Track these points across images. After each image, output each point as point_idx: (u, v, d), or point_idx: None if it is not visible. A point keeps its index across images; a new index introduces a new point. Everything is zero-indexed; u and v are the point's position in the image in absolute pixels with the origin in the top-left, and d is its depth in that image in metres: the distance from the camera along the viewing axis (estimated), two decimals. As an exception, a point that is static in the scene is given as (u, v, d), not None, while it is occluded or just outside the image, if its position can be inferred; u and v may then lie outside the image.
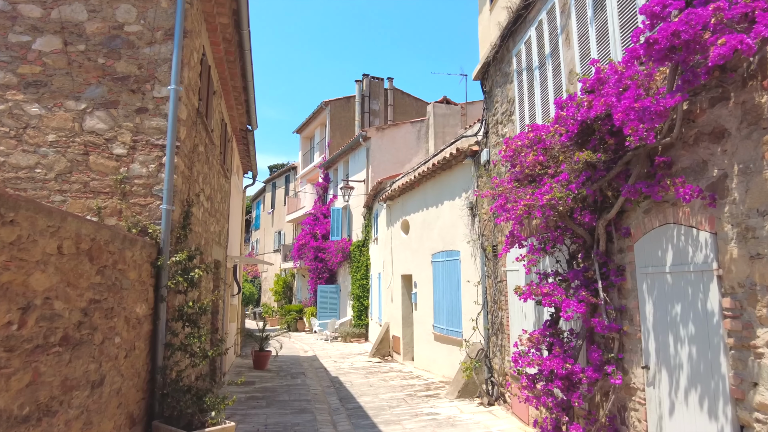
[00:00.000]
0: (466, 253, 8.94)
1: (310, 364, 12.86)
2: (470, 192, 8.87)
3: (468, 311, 8.81)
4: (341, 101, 25.62)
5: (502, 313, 7.38)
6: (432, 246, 10.55)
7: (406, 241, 12.22)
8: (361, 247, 18.71)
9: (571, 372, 4.06)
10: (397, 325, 12.84)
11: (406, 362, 12.17)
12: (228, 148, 10.11)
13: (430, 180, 10.67)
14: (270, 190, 34.38)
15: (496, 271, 7.60)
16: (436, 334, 10.23)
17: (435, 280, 10.36)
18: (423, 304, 11.03)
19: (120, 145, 4.96)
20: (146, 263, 4.42)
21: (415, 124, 20.06)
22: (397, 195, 12.72)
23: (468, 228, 8.92)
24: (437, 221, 10.30)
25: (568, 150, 4.23)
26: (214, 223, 8.20)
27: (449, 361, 9.60)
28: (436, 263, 10.33)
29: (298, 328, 23.10)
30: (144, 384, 4.36)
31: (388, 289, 13.75)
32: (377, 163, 18.79)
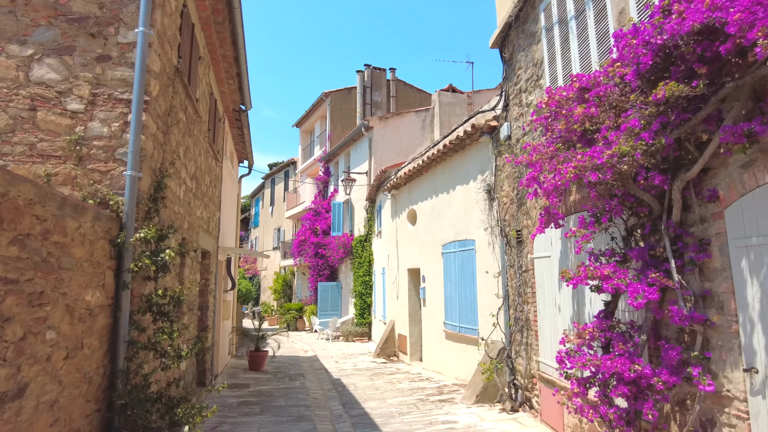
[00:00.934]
0: (483, 241, 8.04)
1: (310, 364, 11.96)
2: (487, 173, 7.97)
3: (485, 306, 7.91)
4: (342, 92, 24.74)
5: (528, 307, 6.48)
6: (442, 236, 9.65)
7: (413, 233, 11.32)
8: (364, 242, 17.82)
9: (641, 375, 3.16)
10: (403, 323, 11.94)
11: (414, 363, 11.27)
12: (219, 129, 9.22)
13: (440, 164, 9.77)
14: (269, 186, 33.50)
15: (521, 260, 6.70)
16: (447, 332, 9.33)
17: (446, 273, 9.46)
18: (432, 300, 10.14)
19: (76, 99, 4.06)
20: (102, 240, 3.53)
21: (419, 113, 19.17)
22: (403, 183, 11.82)
23: (485, 214, 8.02)
24: (448, 209, 9.41)
25: (634, 92, 3.33)
26: (202, 207, 7.31)
27: (463, 361, 8.70)
28: (447, 255, 9.43)
29: (298, 327, 22.20)
30: (99, 392, 3.46)
31: (393, 285, 12.85)
32: (380, 154, 17.90)
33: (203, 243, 7.54)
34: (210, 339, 8.57)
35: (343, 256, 19.43)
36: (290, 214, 26.13)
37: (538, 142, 4.68)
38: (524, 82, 6.72)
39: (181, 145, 5.60)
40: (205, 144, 7.43)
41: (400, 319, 12.14)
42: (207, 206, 7.89)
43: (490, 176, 7.88)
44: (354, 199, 19.53)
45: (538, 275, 6.12)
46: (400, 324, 12.15)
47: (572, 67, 5.27)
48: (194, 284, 6.75)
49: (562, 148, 4.10)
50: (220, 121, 9.31)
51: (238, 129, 11.12)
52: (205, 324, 8.32)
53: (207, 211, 7.89)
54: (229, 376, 9.93)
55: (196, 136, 6.58)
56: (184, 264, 6.06)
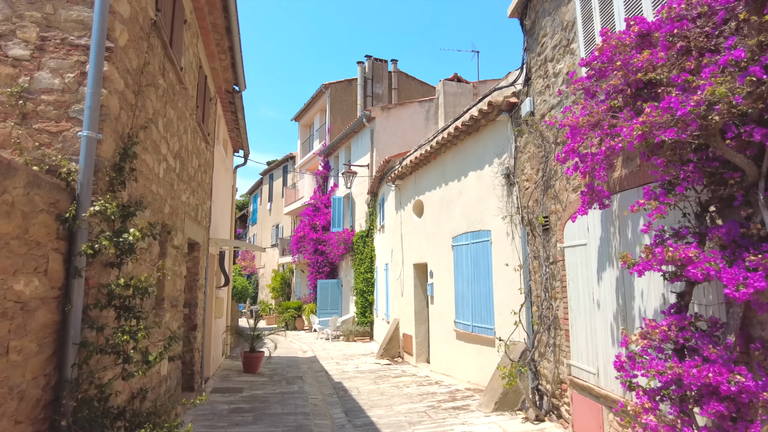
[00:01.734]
0: (500, 231, 7.29)
1: (309, 366, 11.20)
2: (505, 156, 7.21)
3: (503, 303, 7.16)
4: (342, 84, 23.97)
5: (557, 303, 5.72)
6: (453, 227, 8.89)
7: (420, 225, 10.56)
8: (365, 237, 17.06)
9: (743, 388, 2.41)
10: (408, 321, 11.19)
11: (420, 364, 10.51)
12: (210, 110, 8.45)
13: (451, 150, 9.01)
14: (267, 182, 32.73)
15: (547, 250, 5.94)
16: (458, 332, 8.57)
17: (457, 267, 8.70)
18: (441, 297, 9.38)
19: (20, 44, 3.30)
20: (44, 213, 2.76)
21: (423, 104, 18.41)
22: (408, 173, 11.06)
23: (502, 201, 7.26)
24: (459, 197, 8.64)
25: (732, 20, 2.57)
26: (188, 193, 6.55)
27: (476, 364, 7.94)
28: (458, 247, 8.67)
29: (296, 326, 21.44)
30: (37, 410, 2.70)
31: (397, 282, 12.10)
32: (382, 146, 17.14)
33: (190, 233, 6.78)
34: (199, 339, 7.81)
35: (343, 252, 18.68)
36: (289, 210, 25.35)
37: (573, 114, 3.92)
38: (550, 50, 5.96)
39: (160, 115, 4.84)
40: (192, 122, 6.67)
41: (405, 317, 11.39)
42: (195, 192, 7.13)
43: (508, 159, 7.12)
44: (355, 193, 18.77)
45: (570, 267, 5.36)
46: (405, 323, 11.39)
47: (616, 22, 4.51)
48: (178, 277, 5.99)
49: (618, 106, 3.33)
50: (212, 101, 8.54)
51: (232, 114, 10.35)
52: (193, 322, 7.56)
53: (195, 197, 7.13)
54: (222, 379, 9.18)
55: (180, 110, 5.82)
56: (166, 254, 5.30)
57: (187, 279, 7.59)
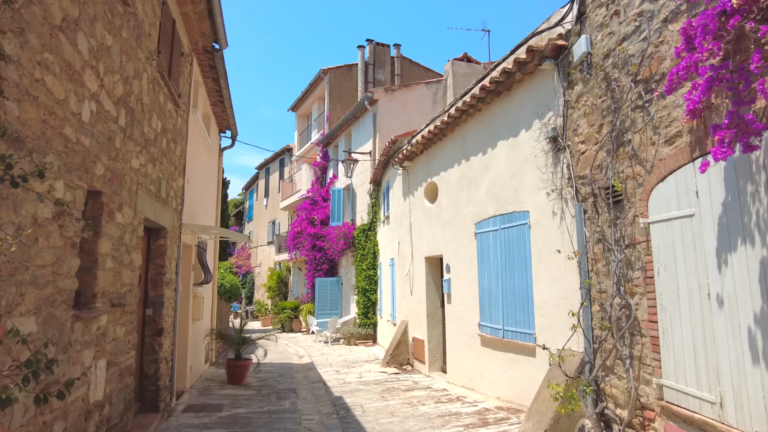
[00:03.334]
0: (543, 211, 5.80)
1: (304, 375, 9.70)
2: (550, 116, 5.72)
3: (547, 301, 5.67)
4: (342, 70, 22.51)
5: (637, 299, 4.23)
6: (476, 211, 7.40)
7: (433, 212, 9.07)
8: (367, 231, 15.58)
9: None
10: (419, 324, 9.70)
11: (435, 374, 9.01)
12: (183, 67, 6.95)
13: (473, 118, 7.52)
14: (263, 176, 31.25)
15: (622, 228, 4.44)
16: (484, 337, 7.08)
17: (482, 259, 7.21)
18: (461, 295, 7.89)
19: None
20: None
21: (430, 86, 16.93)
22: (419, 151, 9.56)
23: (546, 173, 5.77)
24: (485, 175, 7.15)
25: None
26: (144, 159, 5.04)
27: (510, 376, 6.45)
28: (483, 235, 7.18)
29: (293, 328, 19.95)
30: None
31: (405, 278, 10.60)
32: (386, 132, 15.64)
33: (149, 212, 5.28)
34: (167, 346, 6.31)
35: (343, 248, 17.19)
36: (285, 204, 23.85)
37: None
38: (621, -37, 4.47)
39: (84, 31, 3.34)
40: (151, 70, 5.17)
41: (415, 319, 9.89)
42: (158, 163, 5.63)
43: (554, 118, 5.63)
44: (356, 183, 17.29)
45: (660, 249, 3.87)
46: (415, 325, 9.90)
47: None
48: (126, 268, 4.48)
49: None
50: (184, 57, 7.03)
51: (214, 82, 8.85)
52: (158, 326, 6.06)
53: (157, 169, 5.63)
54: (200, 393, 7.68)
55: (127, 43, 4.31)
56: (100, 232, 3.80)
57: (151, 272, 6.10)
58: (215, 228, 7.77)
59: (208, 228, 7.57)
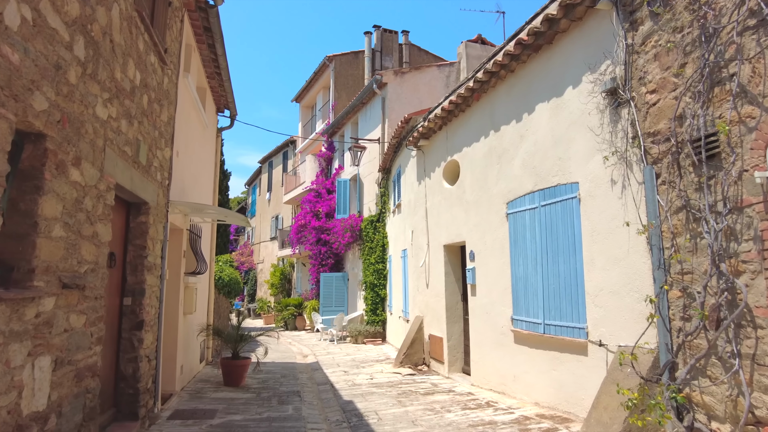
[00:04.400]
0: (599, 180, 4.82)
1: (309, 376, 8.76)
2: (607, 65, 4.74)
3: (604, 288, 4.69)
4: (348, 57, 21.58)
5: (747, 279, 3.25)
6: (509, 188, 6.43)
7: (454, 194, 8.10)
8: (376, 222, 14.63)
9: None
10: (436, 320, 8.73)
11: (455, 375, 8.04)
12: (171, 20, 6.00)
13: (504, 82, 6.55)
14: (266, 170, 30.34)
15: (721, 189, 3.45)
16: (519, 333, 6.11)
17: (515, 242, 6.24)
18: (488, 286, 6.92)
19: None
20: None
21: (442, 68, 15.96)
22: (438, 127, 8.59)
23: (602, 133, 4.79)
24: (520, 145, 6.19)
25: None
26: (115, 110, 4.10)
27: (553, 379, 5.47)
28: (517, 215, 6.21)
29: (297, 325, 19.02)
30: None
31: (420, 270, 9.64)
32: (395, 117, 14.67)
33: (124, 179, 4.34)
34: (149, 342, 5.37)
35: (350, 241, 16.23)
36: (289, 197, 22.91)
37: None
38: None
39: None
40: (125, 4, 4.22)
41: (432, 314, 8.93)
42: (137, 122, 4.69)
43: (613, 67, 4.65)
44: (363, 173, 16.34)
45: (789, 212, 2.91)
46: (432, 321, 8.93)
47: None
48: (86, 240, 3.53)
49: None
50: (172, 9, 6.08)
51: (209, 47, 7.91)
52: (138, 318, 5.12)
53: (136, 129, 4.69)
54: (192, 396, 6.74)
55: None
56: (42, 188, 2.86)
57: (130, 254, 5.16)
58: (209, 207, 6.81)
59: (200, 206, 6.62)
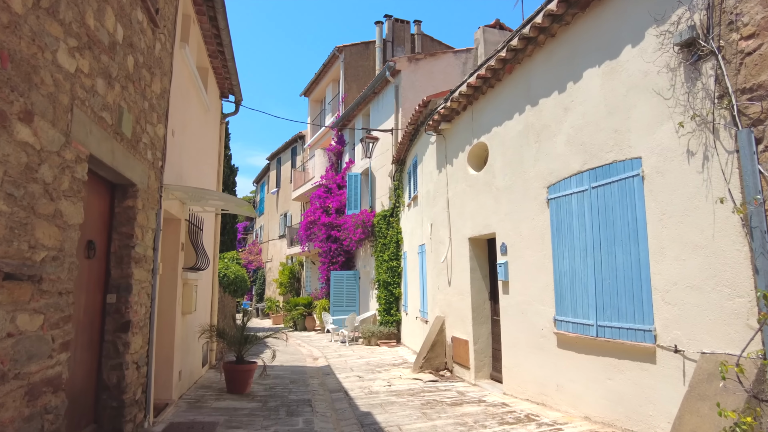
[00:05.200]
0: (671, 152, 4.01)
1: (321, 382, 8.00)
2: (680, 13, 3.93)
3: (678, 281, 3.88)
4: (358, 47, 20.85)
5: None
6: (550, 169, 5.63)
7: (481, 180, 7.31)
8: (389, 217, 13.86)
9: None
10: (460, 320, 7.94)
11: (483, 383, 7.24)
12: (162, -21, 5.26)
13: (544, 48, 5.74)
14: (275, 167, 29.68)
15: None
16: (564, 336, 5.30)
17: (558, 231, 5.44)
18: (524, 282, 6.12)
19: None
20: None
21: (459, 55, 15.16)
22: (462, 107, 7.79)
23: (675, 95, 3.97)
24: (564, 118, 5.38)
25: None
26: (86, 60, 3.35)
27: (609, 390, 4.66)
28: (561, 200, 5.41)
29: (306, 326, 18.30)
30: None
31: (441, 266, 8.85)
32: (409, 106, 13.89)
33: (104, 151, 3.61)
34: (137, 346, 4.64)
35: (361, 237, 15.47)
36: (298, 194, 22.19)
37: None
38: None
39: None
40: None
41: (456, 315, 8.13)
42: (120, 85, 3.95)
43: (689, 15, 3.84)
44: (374, 167, 15.58)
45: None
46: (456, 322, 8.14)
47: None
48: (41, 219, 2.79)
49: None
50: (165, -34, 5.35)
51: (210, 20, 7.19)
52: (124, 319, 4.38)
53: (117, 93, 3.95)
54: (190, 406, 6.01)
55: None
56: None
57: (114, 244, 4.43)
58: (209, 192, 6.05)
59: (199, 192, 5.87)
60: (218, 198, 6.40)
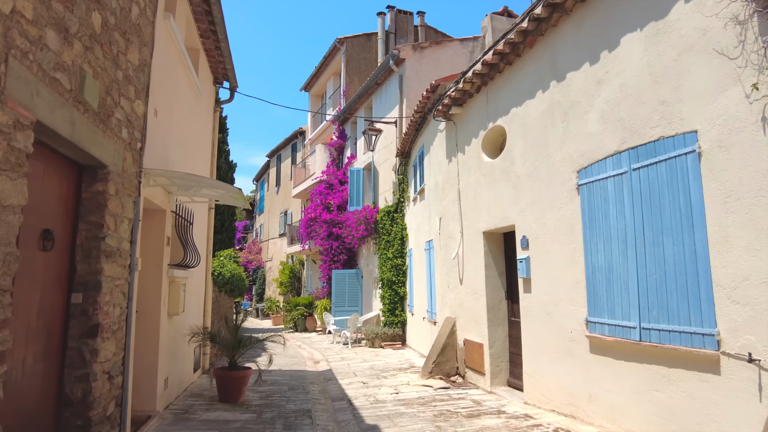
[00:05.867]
0: (737, 121, 3.36)
1: (322, 388, 7.37)
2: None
3: (749, 276, 3.23)
4: (360, 39, 20.23)
5: None
6: (580, 151, 4.98)
7: (497, 168, 6.67)
8: (393, 213, 13.22)
9: None
10: (473, 322, 7.30)
11: (500, 390, 6.61)
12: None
13: (572, 15, 5.09)
14: (275, 164, 29.07)
15: None
16: (599, 340, 4.65)
17: (591, 221, 4.80)
18: (549, 279, 5.48)
19: None
20: None
21: (465, 43, 14.52)
22: (476, 89, 7.15)
23: (743, 54, 3.33)
24: (598, 92, 4.73)
25: None
26: (30, 5, 2.73)
27: (657, 403, 4.01)
28: (594, 185, 4.76)
29: (307, 327, 17.66)
30: None
31: (451, 263, 8.21)
32: (414, 96, 13.23)
33: (59, 120, 2.98)
34: (108, 353, 4.00)
35: (364, 234, 14.83)
36: (298, 191, 21.56)
37: None
38: None
39: None
40: None
41: (468, 316, 7.49)
42: (83, 45, 3.32)
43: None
44: (377, 161, 14.95)
45: None
46: (468, 324, 7.50)
47: None
48: None
49: None
50: None
51: (200, -5, 6.56)
52: (93, 322, 3.75)
53: (78, 53, 3.31)
54: (176, 418, 5.38)
55: None
56: None
57: (81, 236, 3.80)
58: (197, 178, 5.37)
59: (185, 178, 5.22)
60: (207, 186, 5.74)
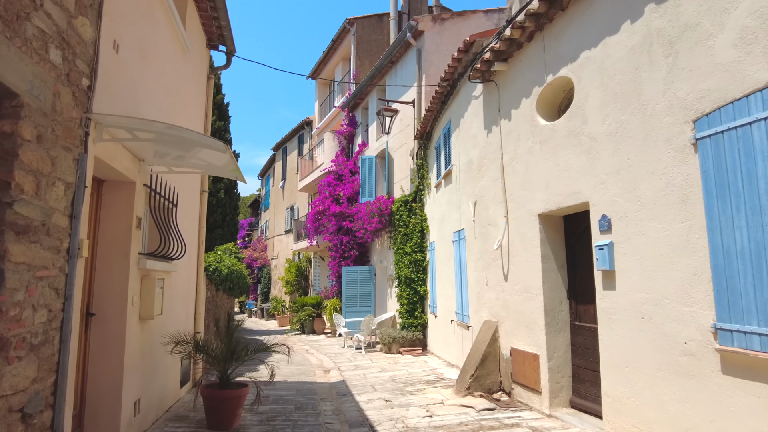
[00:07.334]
0: None
1: (336, 408, 6.01)
2: None
3: None
4: (371, 20, 18.88)
5: None
6: (698, 93, 3.58)
7: (561, 132, 5.27)
8: (411, 202, 11.84)
9: None
10: (525, 327, 5.91)
11: (562, 413, 5.21)
12: None
13: None
14: (280, 158, 27.77)
15: None
16: (737, 355, 3.26)
17: (717, 188, 3.40)
18: (645, 271, 4.08)
19: None
20: None
21: (490, 15, 13.10)
22: (527, 36, 5.72)
23: None
24: (731, 6, 3.33)
25: None
26: None
27: None
28: (721, 138, 3.36)
29: (315, 328, 16.33)
30: None
31: (491, 254, 6.82)
32: (435, 72, 11.86)
33: None
34: (27, 378, 2.66)
35: (377, 227, 13.46)
36: (305, 183, 20.21)
37: None
38: None
39: None
40: None
41: (515, 319, 6.11)
42: None
43: None
44: (392, 147, 13.58)
45: None
46: (516, 330, 6.11)
47: None
48: None
49: None
50: None
51: None
52: None
53: None
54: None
55: None
56: None
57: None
58: (170, 127, 3.86)
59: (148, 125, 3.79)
60: (183, 141, 4.21)
